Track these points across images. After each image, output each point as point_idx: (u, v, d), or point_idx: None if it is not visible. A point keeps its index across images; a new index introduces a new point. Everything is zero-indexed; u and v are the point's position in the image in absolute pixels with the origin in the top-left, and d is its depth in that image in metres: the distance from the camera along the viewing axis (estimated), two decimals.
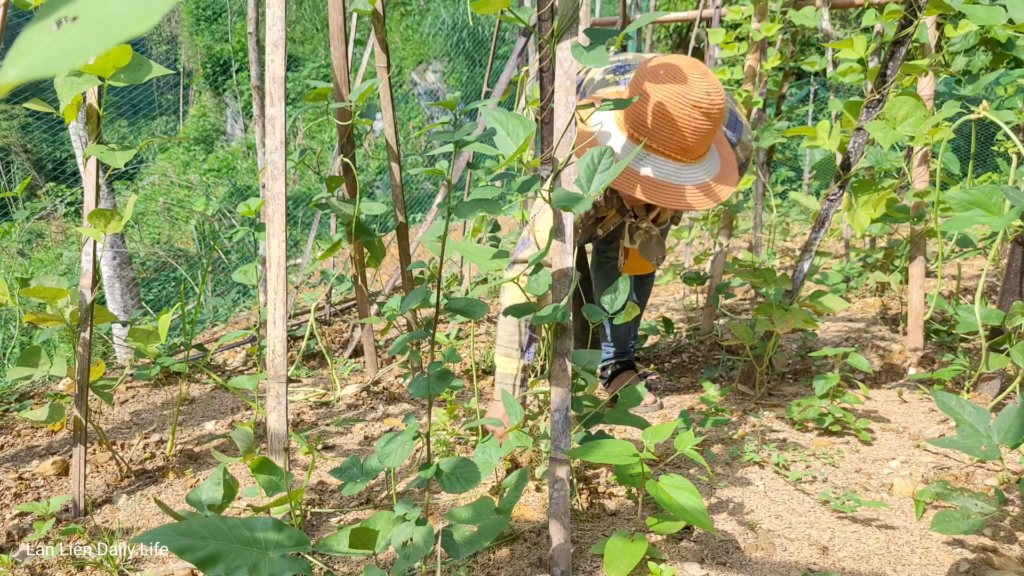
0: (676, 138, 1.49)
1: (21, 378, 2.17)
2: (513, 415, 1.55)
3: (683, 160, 1.52)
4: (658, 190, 1.51)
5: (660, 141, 1.49)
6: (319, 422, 2.20)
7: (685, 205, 1.52)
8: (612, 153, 1.14)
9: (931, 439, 1.37)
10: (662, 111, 1.47)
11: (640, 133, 1.51)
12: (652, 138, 1.49)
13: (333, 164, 2.90)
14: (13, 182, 9.19)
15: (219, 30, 15.66)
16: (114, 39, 0.26)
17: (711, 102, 1.47)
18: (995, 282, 3.21)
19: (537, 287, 1.21)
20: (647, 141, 1.49)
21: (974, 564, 1.26)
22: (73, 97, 1.47)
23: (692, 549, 1.36)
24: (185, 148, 14.53)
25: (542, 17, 1.17)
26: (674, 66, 1.48)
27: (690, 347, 2.74)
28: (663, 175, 1.51)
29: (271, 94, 1.55)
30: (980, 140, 6.08)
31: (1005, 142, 3.45)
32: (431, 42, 14.06)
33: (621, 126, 1.55)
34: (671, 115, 1.47)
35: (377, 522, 1.18)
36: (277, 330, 1.52)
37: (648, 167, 1.51)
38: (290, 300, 3.39)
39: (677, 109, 1.46)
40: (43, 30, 0.28)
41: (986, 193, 1.59)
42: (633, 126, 1.52)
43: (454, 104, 1.20)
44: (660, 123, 1.48)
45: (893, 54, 1.83)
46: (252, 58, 3.28)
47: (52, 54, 0.26)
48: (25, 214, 3.09)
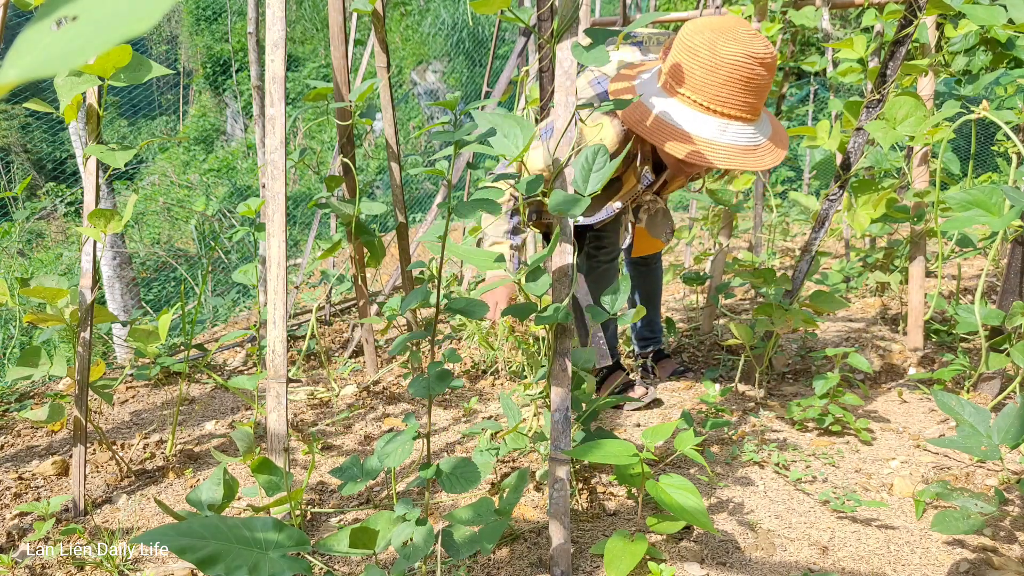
0: (746, 97, 1.40)
1: (21, 378, 2.17)
2: (512, 416, 1.55)
3: (752, 119, 1.44)
4: (738, 155, 1.42)
5: (707, 95, 1.40)
6: (319, 422, 2.20)
7: (762, 165, 1.45)
8: (606, 152, 1.14)
9: (931, 439, 1.37)
10: (728, 70, 1.37)
11: (701, 95, 1.40)
12: (698, 92, 1.40)
13: (333, 164, 2.90)
14: (13, 182, 9.19)
15: (219, 30, 15.66)
16: (114, 39, 0.26)
17: (768, 53, 1.39)
18: (995, 282, 3.21)
19: (537, 287, 1.21)
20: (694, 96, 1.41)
21: (974, 564, 1.26)
22: (73, 97, 1.47)
23: (692, 549, 1.36)
24: (185, 148, 14.53)
25: (542, 17, 1.17)
26: (718, 24, 1.40)
27: (690, 347, 2.74)
28: (743, 138, 1.43)
29: (271, 94, 1.55)
30: (980, 140, 6.08)
31: (1005, 142, 3.45)
32: (431, 42, 14.06)
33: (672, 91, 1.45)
34: (739, 73, 1.37)
35: (377, 522, 1.18)
36: (277, 330, 1.52)
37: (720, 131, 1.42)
38: (290, 300, 3.39)
39: (744, 66, 1.37)
40: (43, 30, 0.28)
41: (986, 193, 1.59)
42: (678, 81, 1.42)
43: (454, 104, 1.20)
44: (708, 76, 1.38)
45: (893, 54, 1.83)
46: (252, 58, 3.28)
47: (52, 54, 0.26)
48: (25, 214, 3.09)
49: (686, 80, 1.41)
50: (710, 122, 1.41)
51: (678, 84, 1.42)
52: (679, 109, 1.43)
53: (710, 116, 1.41)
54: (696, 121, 1.42)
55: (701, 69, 1.38)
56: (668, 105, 1.44)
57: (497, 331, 2.00)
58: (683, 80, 1.41)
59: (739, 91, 1.39)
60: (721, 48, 1.37)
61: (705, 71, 1.38)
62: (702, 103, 1.41)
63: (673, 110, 1.43)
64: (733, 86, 1.39)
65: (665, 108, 1.44)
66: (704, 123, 1.41)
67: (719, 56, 1.37)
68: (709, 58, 1.38)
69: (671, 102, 1.44)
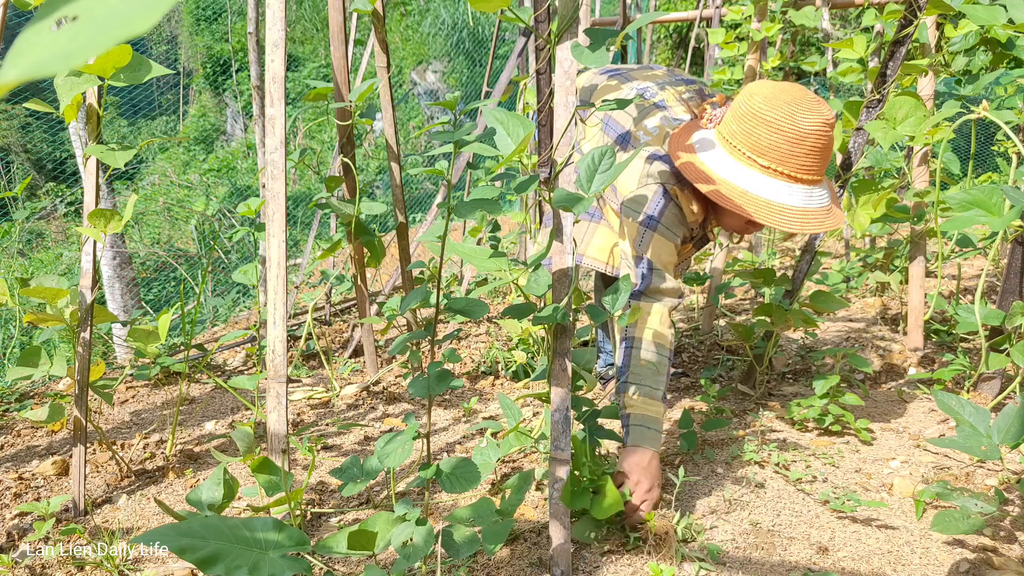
0: (808, 161, 1.46)
1: (21, 378, 2.17)
2: (512, 416, 1.55)
3: (815, 182, 1.49)
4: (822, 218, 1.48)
5: (792, 165, 1.46)
6: (319, 422, 2.20)
7: (838, 224, 1.50)
8: (613, 153, 1.14)
9: (931, 439, 1.37)
10: (812, 140, 1.44)
11: (768, 159, 1.46)
12: (783, 163, 1.45)
13: (333, 164, 2.90)
14: (13, 182, 9.19)
15: (219, 30, 15.66)
16: (114, 39, 0.26)
17: (832, 116, 1.45)
18: (995, 282, 3.21)
19: (537, 287, 1.21)
20: (778, 167, 1.46)
21: (974, 564, 1.26)
22: (73, 97, 1.47)
23: (692, 549, 1.36)
24: (185, 148, 14.53)
25: (539, 19, 1.17)
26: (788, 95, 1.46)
27: (690, 347, 2.74)
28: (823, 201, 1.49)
29: (271, 94, 1.55)
30: (980, 140, 6.08)
31: (1005, 142, 3.45)
32: (431, 42, 14.06)
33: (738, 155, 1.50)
34: (820, 142, 1.44)
35: (377, 523, 1.18)
36: (277, 330, 1.52)
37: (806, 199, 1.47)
38: (290, 300, 3.39)
39: (824, 135, 1.43)
40: (43, 30, 0.28)
41: (986, 193, 1.59)
42: (758, 153, 1.47)
43: (454, 104, 1.20)
44: (792, 147, 1.44)
45: (893, 54, 1.83)
46: (252, 58, 3.28)
47: (52, 54, 0.26)
48: (25, 214, 3.09)
49: (768, 153, 1.46)
50: (796, 191, 1.47)
51: (760, 156, 1.47)
52: (766, 182, 1.47)
53: (795, 185, 1.47)
54: (782, 191, 1.47)
55: (787, 143, 1.44)
56: (753, 179, 1.48)
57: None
58: (765, 153, 1.46)
59: (818, 159, 1.47)
60: (801, 120, 1.43)
61: (790, 144, 1.44)
62: (789, 174, 1.46)
63: (759, 184, 1.48)
64: (815, 155, 1.46)
65: (752, 182, 1.48)
66: (791, 192, 1.47)
67: (801, 129, 1.43)
68: (792, 131, 1.44)
69: (755, 175, 1.48)
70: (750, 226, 1.62)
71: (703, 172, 1.50)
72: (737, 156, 1.49)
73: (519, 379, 2.48)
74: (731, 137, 1.50)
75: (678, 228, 1.63)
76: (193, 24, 16.23)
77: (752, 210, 1.46)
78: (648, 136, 1.69)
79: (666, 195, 1.59)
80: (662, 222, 1.60)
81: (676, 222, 1.61)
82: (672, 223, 1.61)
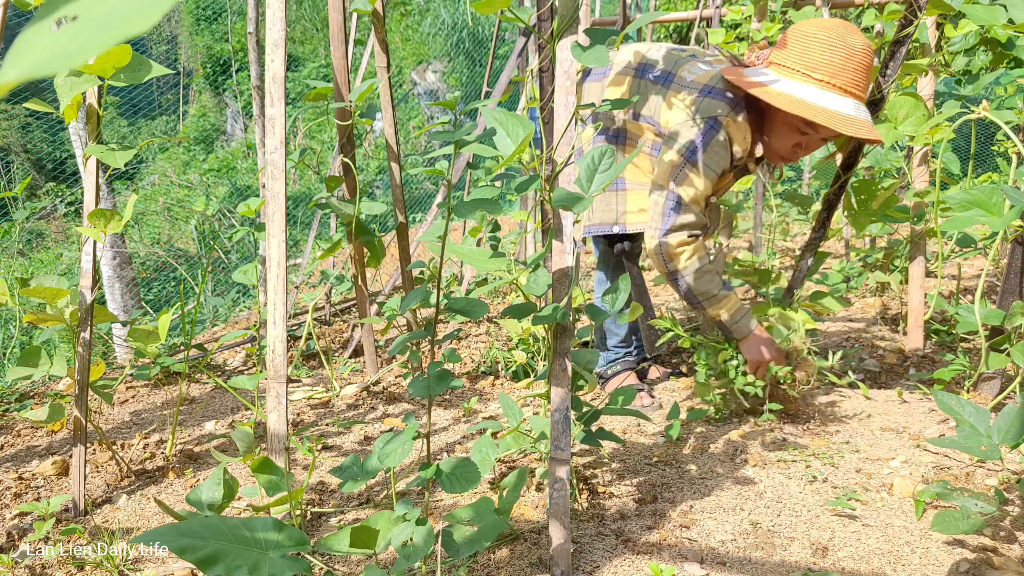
0: (858, 76, 1.64)
1: (21, 378, 2.17)
2: (512, 416, 1.55)
3: (860, 99, 1.67)
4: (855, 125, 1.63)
5: (844, 78, 1.63)
6: (319, 422, 2.20)
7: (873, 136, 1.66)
8: (612, 153, 1.14)
9: (931, 439, 1.37)
10: (847, 51, 1.62)
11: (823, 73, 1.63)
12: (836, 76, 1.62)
13: (333, 164, 2.90)
14: (13, 182, 9.19)
15: (219, 30, 15.66)
16: (114, 39, 0.26)
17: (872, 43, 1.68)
18: (995, 282, 3.21)
19: (537, 287, 1.21)
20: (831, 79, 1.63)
21: (974, 564, 1.26)
22: (73, 97, 1.47)
23: (692, 549, 1.36)
24: (185, 148, 14.53)
25: (541, 17, 1.17)
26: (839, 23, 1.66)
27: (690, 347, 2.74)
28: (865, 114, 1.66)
29: (271, 94, 1.55)
30: (980, 140, 6.08)
31: (1005, 142, 3.45)
32: (431, 42, 14.06)
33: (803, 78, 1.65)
34: (868, 60, 1.63)
35: (377, 522, 1.18)
36: (277, 330, 1.52)
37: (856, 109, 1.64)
38: (290, 300, 3.39)
39: (870, 54, 1.63)
40: (43, 30, 0.28)
41: (986, 193, 1.59)
42: (813, 68, 1.64)
43: (454, 104, 1.20)
44: (845, 62, 1.62)
45: (893, 54, 1.83)
46: (252, 58, 3.28)
47: (52, 54, 0.26)
48: (25, 214, 3.09)
49: (822, 67, 1.63)
50: (848, 102, 1.64)
51: (814, 71, 1.64)
52: (821, 93, 1.64)
53: (847, 97, 1.64)
54: (836, 101, 1.63)
55: (840, 57, 1.62)
56: (809, 91, 1.64)
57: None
58: (823, 70, 1.63)
59: (865, 75, 1.65)
60: (851, 40, 1.63)
61: (843, 59, 1.62)
62: (841, 86, 1.63)
63: (815, 94, 1.64)
64: (863, 71, 1.64)
65: (808, 93, 1.64)
66: (843, 103, 1.63)
67: (853, 46, 1.62)
68: (844, 47, 1.62)
69: (810, 88, 1.65)
70: (796, 149, 1.78)
71: (764, 89, 1.66)
72: (793, 76, 1.66)
73: (519, 379, 2.48)
74: (784, 61, 1.68)
75: (719, 162, 1.75)
76: (193, 24, 16.23)
77: (811, 114, 1.61)
78: (692, 75, 1.81)
79: (714, 127, 1.73)
80: (704, 157, 1.74)
81: (718, 156, 1.74)
82: (713, 157, 1.74)
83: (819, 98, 1.62)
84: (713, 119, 1.72)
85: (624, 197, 1.94)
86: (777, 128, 1.76)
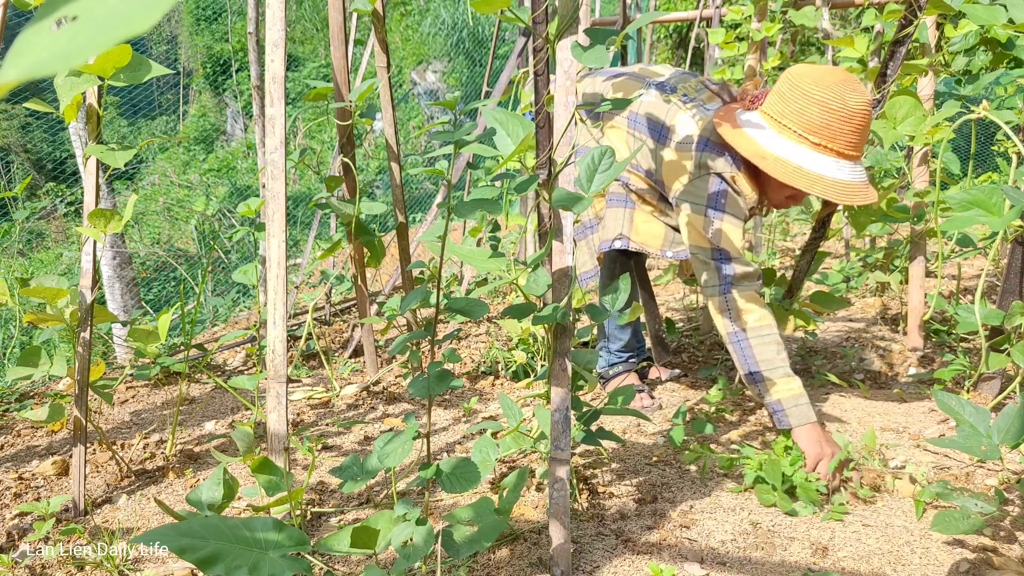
0: (855, 138, 1.56)
1: (21, 378, 2.17)
2: (512, 416, 1.55)
3: (856, 158, 1.60)
4: (849, 192, 1.57)
5: (841, 142, 1.56)
6: (319, 422, 2.20)
7: (867, 200, 1.59)
8: (613, 153, 1.14)
9: (931, 439, 1.37)
10: (859, 119, 1.54)
11: (820, 137, 1.56)
12: (833, 140, 1.56)
13: (333, 164, 2.90)
14: (13, 182, 9.19)
15: (219, 30, 15.66)
16: (114, 39, 0.26)
17: (871, 100, 1.57)
18: (995, 282, 3.21)
19: (536, 287, 1.21)
20: (828, 143, 1.56)
21: (974, 564, 1.26)
22: (73, 97, 1.47)
23: (692, 549, 1.36)
24: (185, 148, 14.53)
25: (536, 20, 1.17)
26: (837, 77, 1.57)
27: (690, 347, 2.74)
28: (850, 176, 1.58)
29: (271, 94, 1.55)
30: (980, 140, 6.08)
31: (1005, 142, 3.45)
32: (431, 42, 14.06)
33: (798, 139, 1.59)
34: (866, 120, 1.55)
35: (377, 522, 1.18)
36: (277, 330, 1.52)
37: (852, 174, 1.58)
38: (290, 300, 3.39)
39: (868, 114, 1.54)
40: (43, 30, 0.28)
41: (986, 193, 1.59)
42: (810, 131, 1.57)
43: (454, 104, 1.20)
44: (843, 125, 1.55)
45: (893, 54, 1.83)
46: (252, 58, 3.28)
47: (52, 54, 0.26)
48: (25, 214, 3.09)
49: (819, 131, 1.56)
50: (844, 166, 1.58)
51: (811, 134, 1.57)
52: (817, 158, 1.57)
53: (843, 160, 1.58)
54: (832, 167, 1.58)
55: (838, 121, 1.55)
56: (804, 155, 1.58)
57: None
58: (817, 132, 1.56)
59: (862, 136, 1.58)
60: (850, 100, 1.54)
61: (841, 122, 1.55)
62: (838, 150, 1.57)
63: (811, 160, 1.58)
64: (860, 133, 1.57)
65: (804, 158, 1.58)
66: (839, 168, 1.58)
67: (852, 108, 1.53)
68: (843, 110, 1.54)
69: (805, 151, 1.58)
70: (790, 200, 1.75)
71: (758, 149, 1.60)
72: (788, 135, 1.60)
73: (519, 379, 2.48)
74: (780, 117, 1.60)
75: (741, 212, 1.73)
76: (193, 24, 16.23)
77: (805, 185, 1.56)
78: (686, 128, 1.78)
79: (724, 181, 1.70)
80: (727, 209, 1.70)
81: (738, 206, 1.71)
82: (735, 208, 1.71)
83: (814, 164, 1.56)
84: (719, 175, 1.70)
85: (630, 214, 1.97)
86: (771, 182, 1.72)
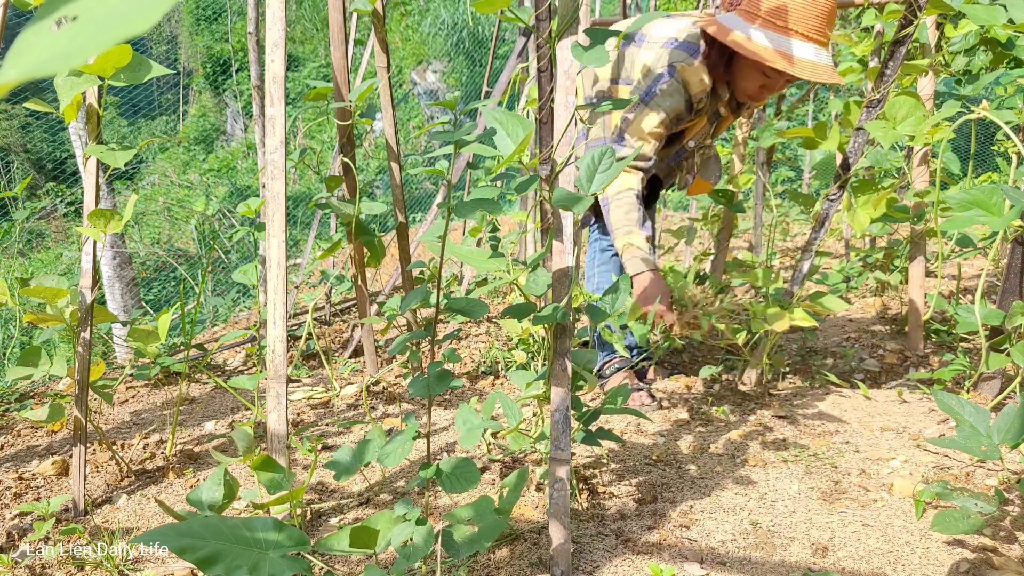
0: (819, 23, 1.74)
1: (21, 378, 2.17)
2: (512, 416, 1.55)
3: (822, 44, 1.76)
4: (828, 72, 1.74)
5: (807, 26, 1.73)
6: (319, 422, 2.20)
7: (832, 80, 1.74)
8: (612, 153, 1.14)
9: (931, 439, 1.37)
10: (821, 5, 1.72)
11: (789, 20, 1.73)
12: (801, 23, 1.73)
13: (333, 164, 2.90)
14: (13, 182, 9.19)
15: (219, 30, 15.66)
16: (114, 39, 0.26)
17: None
18: (995, 282, 3.21)
19: (536, 287, 1.21)
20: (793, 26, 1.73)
21: (974, 564, 1.26)
22: (73, 97, 1.47)
23: (692, 549, 1.36)
24: (185, 148, 14.53)
25: (539, 18, 1.17)
26: None
27: (690, 347, 2.74)
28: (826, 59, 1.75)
29: (271, 94, 1.55)
30: (980, 140, 6.07)
31: (1005, 142, 3.45)
32: (431, 42, 14.06)
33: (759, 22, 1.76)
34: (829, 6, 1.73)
35: (377, 522, 1.18)
36: (277, 330, 1.52)
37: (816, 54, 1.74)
38: (290, 300, 3.39)
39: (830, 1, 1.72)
40: (43, 30, 0.28)
41: (986, 193, 1.59)
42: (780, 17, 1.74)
43: (454, 104, 1.20)
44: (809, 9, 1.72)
45: (893, 54, 1.83)
46: (252, 58, 3.28)
47: (52, 54, 0.26)
48: (25, 214, 3.09)
49: (784, 14, 1.74)
50: (808, 48, 1.74)
51: (777, 18, 1.75)
52: (782, 39, 1.75)
53: (807, 43, 1.74)
54: (796, 46, 1.74)
55: (802, 5, 1.73)
56: (771, 37, 1.76)
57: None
58: (785, 16, 1.74)
59: (826, 21, 1.75)
60: None
61: (806, 6, 1.73)
62: (803, 32, 1.74)
63: (776, 40, 1.75)
64: (824, 17, 1.74)
65: (770, 39, 1.76)
66: (804, 48, 1.74)
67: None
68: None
69: (772, 34, 1.76)
70: (763, 90, 1.91)
71: (736, 37, 1.77)
72: (761, 23, 1.77)
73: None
74: (750, 7, 1.78)
75: (670, 99, 1.89)
76: (193, 24, 16.23)
77: (770, 58, 1.72)
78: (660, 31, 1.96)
79: (670, 72, 1.88)
80: (656, 96, 1.89)
81: (670, 94, 1.89)
82: (665, 96, 1.88)
83: (781, 44, 1.73)
84: (670, 66, 1.88)
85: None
86: (742, 71, 1.89)
